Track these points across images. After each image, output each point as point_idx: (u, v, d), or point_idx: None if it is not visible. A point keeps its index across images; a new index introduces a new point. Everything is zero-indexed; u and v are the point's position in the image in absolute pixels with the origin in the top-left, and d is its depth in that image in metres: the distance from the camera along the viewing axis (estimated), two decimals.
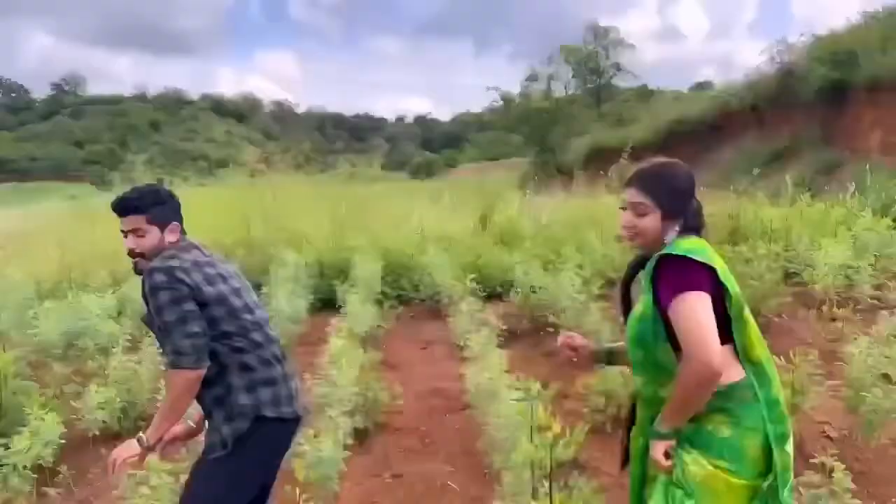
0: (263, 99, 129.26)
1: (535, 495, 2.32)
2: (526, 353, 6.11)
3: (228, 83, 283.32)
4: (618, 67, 52.93)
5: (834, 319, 5.51)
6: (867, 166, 11.53)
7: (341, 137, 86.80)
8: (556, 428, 2.09)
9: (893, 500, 3.30)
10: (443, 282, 7.74)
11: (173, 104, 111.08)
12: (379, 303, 7.52)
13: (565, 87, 51.95)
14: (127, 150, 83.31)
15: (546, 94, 44.75)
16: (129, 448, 2.32)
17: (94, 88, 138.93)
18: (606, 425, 4.32)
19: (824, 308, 5.91)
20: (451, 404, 5.19)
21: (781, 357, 3.83)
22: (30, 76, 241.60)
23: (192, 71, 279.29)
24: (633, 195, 2.04)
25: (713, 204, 10.11)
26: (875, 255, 6.76)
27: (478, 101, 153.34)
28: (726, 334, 1.92)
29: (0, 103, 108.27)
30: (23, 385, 4.99)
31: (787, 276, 7.11)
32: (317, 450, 3.32)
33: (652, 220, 2.01)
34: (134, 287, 8.16)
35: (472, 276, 7.29)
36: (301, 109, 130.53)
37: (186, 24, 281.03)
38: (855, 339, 3.64)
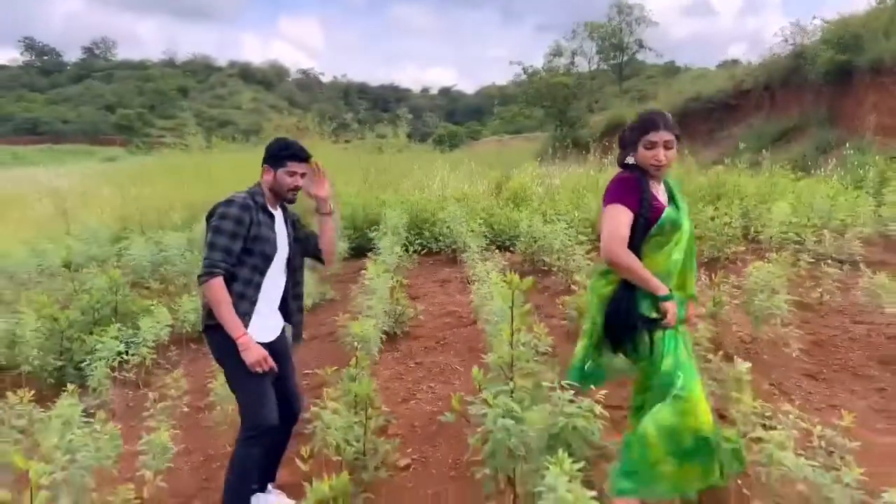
0: (290, 67, 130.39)
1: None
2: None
3: (252, 49, 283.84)
4: (640, 44, 53.21)
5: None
6: (846, 144, 12.60)
7: (366, 107, 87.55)
8: (516, 281, 3.23)
9: (773, 376, 4.60)
10: (460, 234, 9.02)
11: (202, 70, 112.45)
12: (405, 247, 8.82)
13: (589, 63, 52.57)
14: (156, 114, 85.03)
15: (568, 69, 45.37)
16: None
17: (120, 52, 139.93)
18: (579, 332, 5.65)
19: (768, 254, 7.15)
20: (462, 321, 6.56)
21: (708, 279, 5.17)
22: (58, 39, 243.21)
23: (214, 35, 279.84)
24: (668, 135, 2.62)
25: (706, 176, 11.36)
26: (820, 216, 7.95)
27: (503, 74, 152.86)
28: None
29: (33, 65, 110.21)
30: (129, 294, 6.43)
31: (749, 230, 8.34)
32: (363, 328, 4.69)
33: (676, 153, 2.65)
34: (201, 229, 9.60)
35: (485, 227, 8.54)
36: (326, 78, 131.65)
37: None
38: (756, 265, 4.89)
